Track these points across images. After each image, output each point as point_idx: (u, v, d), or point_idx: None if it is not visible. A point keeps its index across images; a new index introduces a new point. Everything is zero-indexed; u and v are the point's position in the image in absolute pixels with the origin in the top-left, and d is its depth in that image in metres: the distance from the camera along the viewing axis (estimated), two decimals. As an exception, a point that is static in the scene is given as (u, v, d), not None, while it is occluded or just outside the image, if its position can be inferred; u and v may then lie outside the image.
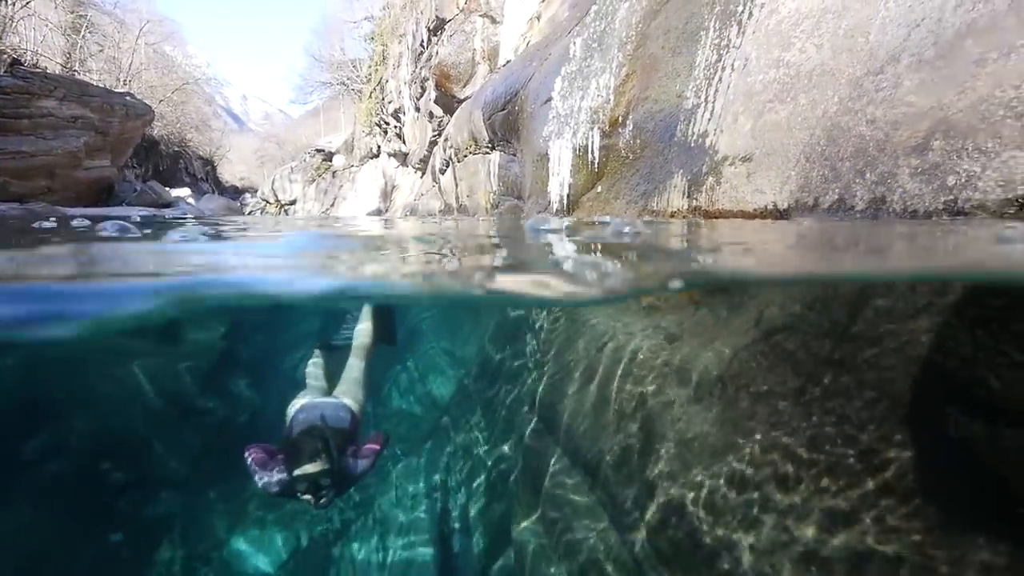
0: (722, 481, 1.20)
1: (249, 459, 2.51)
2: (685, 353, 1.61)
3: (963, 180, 0.83)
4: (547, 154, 3.21)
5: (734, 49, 1.65)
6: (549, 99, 3.50)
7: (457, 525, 3.98)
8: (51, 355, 4.26)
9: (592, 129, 2.56)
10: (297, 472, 2.25)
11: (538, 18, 7.71)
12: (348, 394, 3.20)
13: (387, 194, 18.56)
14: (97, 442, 4.38)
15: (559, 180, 3.03)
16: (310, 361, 3.61)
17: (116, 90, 13.75)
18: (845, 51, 1.20)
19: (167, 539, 4.49)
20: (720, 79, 1.67)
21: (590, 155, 2.61)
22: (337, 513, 5.02)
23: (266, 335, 6.56)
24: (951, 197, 0.84)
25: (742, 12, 1.65)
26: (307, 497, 2.31)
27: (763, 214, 1.37)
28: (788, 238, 1.16)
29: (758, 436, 1.16)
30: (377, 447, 2.64)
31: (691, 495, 1.27)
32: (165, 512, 4.60)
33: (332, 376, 3.40)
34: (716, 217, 1.58)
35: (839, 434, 0.97)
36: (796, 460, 1.06)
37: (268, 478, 2.38)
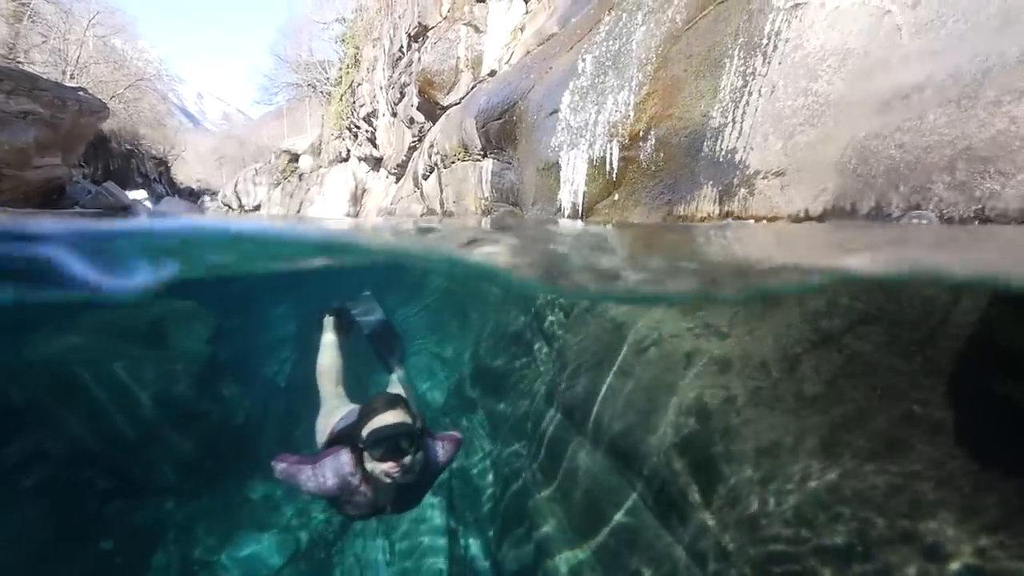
0: (784, 479, 1.41)
1: (283, 466, 2.12)
2: (728, 344, 1.83)
3: (987, 195, 1.07)
4: (558, 163, 3.41)
5: (760, 77, 1.89)
6: (555, 111, 3.70)
7: (471, 519, 4.08)
8: (35, 356, 4.09)
9: (611, 142, 2.78)
10: (368, 430, 1.87)
11: (522, 29, 7.93)
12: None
13: (357, 198, 18.31)
14: (85, 446, 4.22)
15: (572, 188, 3.24)
16: (324, 356, 3.36)
17: (67, 84, 13.01)
18: (870, 86, 1.45)
19: (160, 545, 4.36)
20: (747, 103, 1.91)
21: (608, 166, 2.83)
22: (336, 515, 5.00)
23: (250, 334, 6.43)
24: (979, 207, 1.08)
25: (767, 45, 1.89)
26: (385, 468, 1.85)
27: (798, 219, 1.60)
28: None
29: (814, 426, 1.38)
30: (455, 442, 2.39)
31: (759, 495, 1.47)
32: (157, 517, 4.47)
33: (350, 380, 3.27)
34: (749, 219, 1.80)
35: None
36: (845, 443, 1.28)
37: (320, 470, 2.01)
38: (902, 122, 1.31)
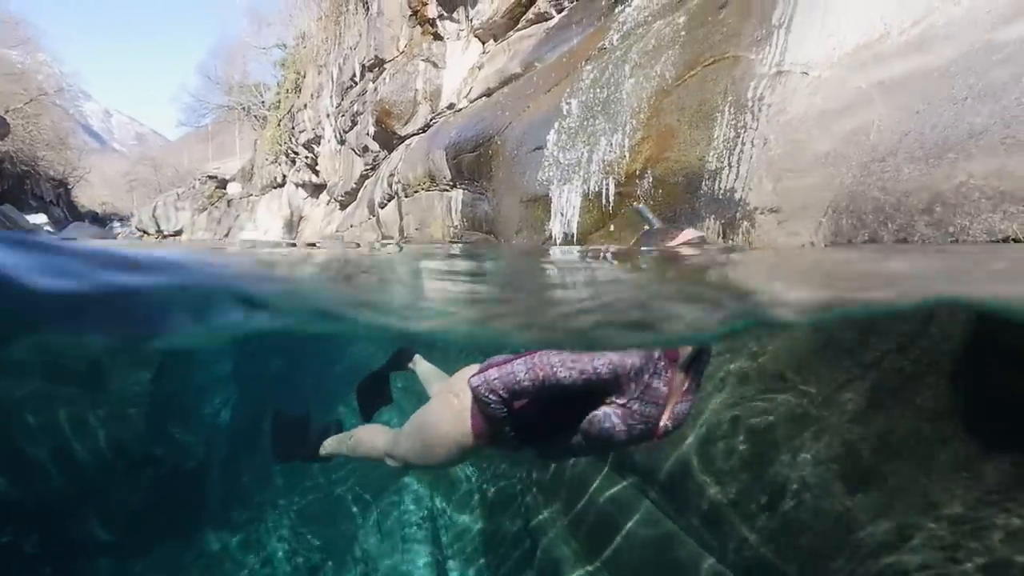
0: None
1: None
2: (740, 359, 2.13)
3: (959, 229, 1.44)
4: (547, 196, 3.68)
5: (752, 130, 2.26)
6: (539, 148, 4.00)
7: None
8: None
9: (607, 178, 3.09)
10: (680, 241, 1.45)
11: (479, 68, 8.32)
12: None
13: (293, 225, 17.68)
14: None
15: (564, 220, 3.51)
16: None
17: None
18: (852, 144, 1.84)
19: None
20: (742, 151, 2.28)
21: (603, 200, 3.13)
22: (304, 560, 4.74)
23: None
24: (954, 239, 1.44)
25: (753, 106, 2.28)
26: None
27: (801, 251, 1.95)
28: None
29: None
30: None
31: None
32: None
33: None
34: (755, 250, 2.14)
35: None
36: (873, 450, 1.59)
37: None
38: (882, 173, 1.69)
